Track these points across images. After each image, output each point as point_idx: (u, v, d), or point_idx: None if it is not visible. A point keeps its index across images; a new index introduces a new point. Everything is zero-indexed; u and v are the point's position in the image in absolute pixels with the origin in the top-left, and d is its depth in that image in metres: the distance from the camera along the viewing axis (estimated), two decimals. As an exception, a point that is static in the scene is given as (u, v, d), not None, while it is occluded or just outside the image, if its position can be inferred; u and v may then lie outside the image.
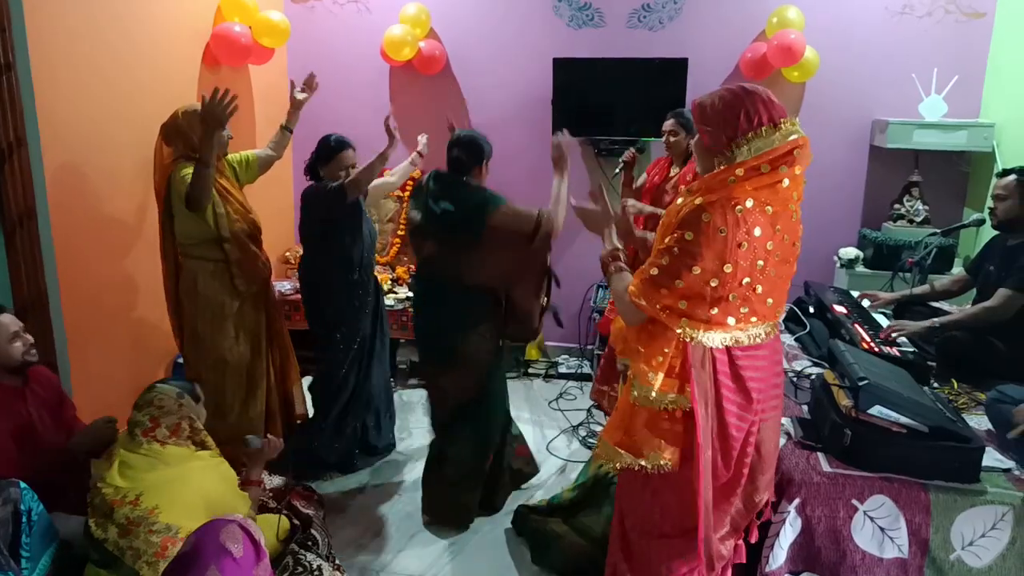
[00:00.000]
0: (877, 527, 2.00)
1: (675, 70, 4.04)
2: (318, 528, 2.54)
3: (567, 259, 4.50)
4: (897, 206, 4.03)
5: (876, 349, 2.61)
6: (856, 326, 2.83)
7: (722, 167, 1.68)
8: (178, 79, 3.66)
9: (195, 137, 2.84)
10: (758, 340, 1.75)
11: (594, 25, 4.29)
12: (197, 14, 3.78)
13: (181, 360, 3.64)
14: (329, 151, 3.13)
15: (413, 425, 3.80)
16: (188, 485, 2.08)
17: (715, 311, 1.68)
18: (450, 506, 2.94)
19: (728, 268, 1.64)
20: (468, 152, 2.77)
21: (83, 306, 2.95)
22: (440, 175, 2.83)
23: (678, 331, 1.71)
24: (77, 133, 2.98)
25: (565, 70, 4.17)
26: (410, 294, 4.22)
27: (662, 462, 1.75)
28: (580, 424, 3.82)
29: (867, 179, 4.23)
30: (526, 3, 4.32)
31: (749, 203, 1.64)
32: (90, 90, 3.04)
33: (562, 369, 4.49)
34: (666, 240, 1.71)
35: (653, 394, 1.74)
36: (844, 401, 2.10)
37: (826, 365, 2.59)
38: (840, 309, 3.04)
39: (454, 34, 4.44)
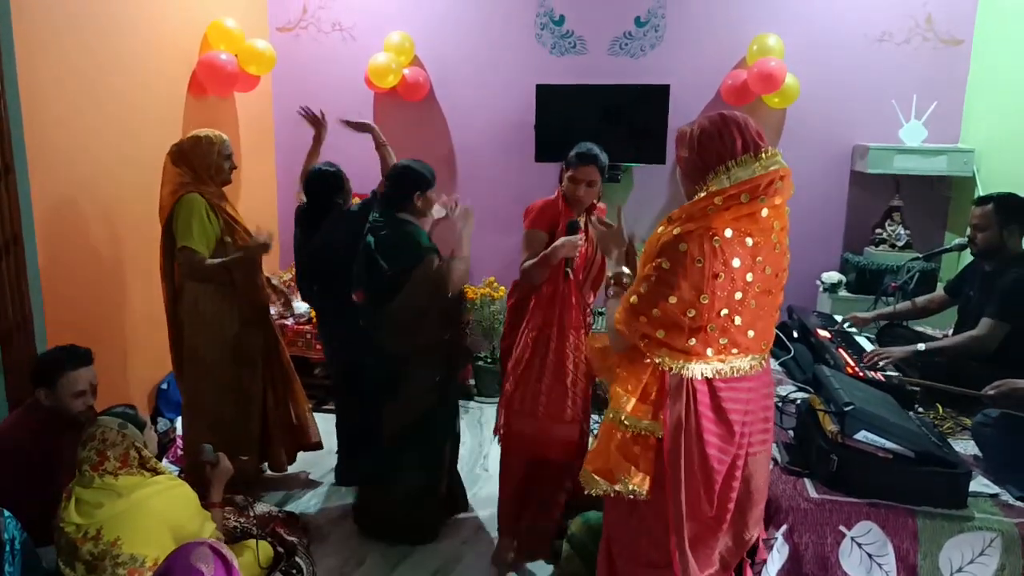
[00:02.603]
0: (865, 553, 1.99)
1: (657, 96, 4.09)
2: (302, 556, 2.52)
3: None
4: (879, 231, 4.08)
5: (861, 374, 2.62)
6: (840, 351, 2.84)
7: (702, 195, 1.66)
8: (165, 106, 3.66)
9: (201, 165, 2.92)
10: (741, 372, 1.71)
11: (576, 52, 4.34)
12: (184, 42, 3.79)
13: (165, 387, 3.62)
14: (343, 181, 3.15)
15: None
16: (146, 513, 2.06)
17: (693, 341, 1.65)
18: (417, 521, 2.95)
19: (704, 299, 1.61)
20: (399, 184, 2.76)
21: (67, 332, 2.91)
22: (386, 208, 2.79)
23: (656, 360, 1.69)
24: (65, 160, 2.97)
25: (547, 96, 4.21)
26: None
27: (632, 487, 1.71)
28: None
29: (848, 204, 4.28)
30: (509, 31, 4.37)
31: (728, 233, 1.61)
32: (79, 118, 3.04)
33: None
34: (645, 269, 1.70)
35: (623, 417, 1.72)
36: (830, 426, 2.11)
37: (811, 390, 2.60)
38: (824, 333, 3.06)
39: (438, 61, 4.48)
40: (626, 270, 2.00)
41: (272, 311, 4.22)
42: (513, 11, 4.35)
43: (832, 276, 4.06)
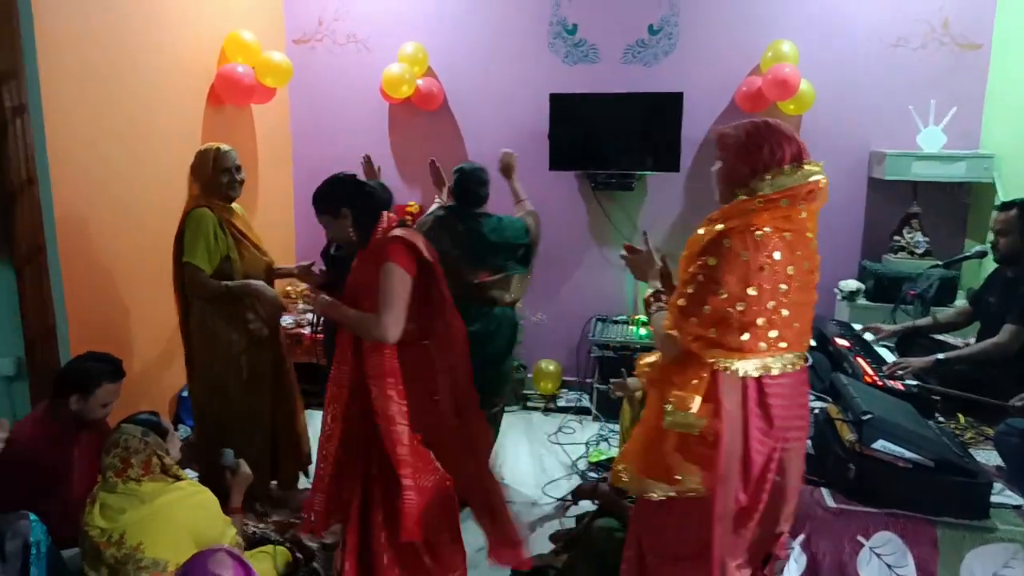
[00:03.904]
0: (884, 564, 1.97)
1: (671, 104, 4.08)
2: (320, 562, 2.52)
3: (566, 293, 4.51)
4: (897, 238, 4.04)
5: (879, 383, 2.59)
6: (858, 359, 2.82)
7: (742, 198, 1.73)
8: (184, 119, 3.70)
9: (202, 178, 2.94)
10: (788, 369, 1.77)
11: (589, 61, 4.35)
12: (203, 55, 3.84)
13: (185, 394, 3.65)
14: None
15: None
16: (168, 518, 2.08)
17: (745, 337, 1.69)
18: None
19: (752, 291, 1.66)
20: (484, 186, 3.12)
21: (89, 340, 2.94)
22: (468, 211, 3.09)
23: (710, 360, 1.72)
24: (86, 172, 3.01)
25: (561, 105, 4.22)
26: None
27: (694, 486, 1.76)
28: (579, 458, 3.79)
29: (866, 211, 4.25)
30: (522, 40, 4.39)
31: (767, 229, 1.68)
32: (99, 130, 3.08)
33: (561, 403, 4.47)
34: (689, 270, 1.75)
35: (691, 419, 1.75)
36: (848, 435, 2.09)
37: (829, 399, 2.58)
38: (842, 342, 3.03)
39: (451, 71, 4.50)
40: (660, 286, 2.03)
41: (289, 320, 4.26)
42: (526, 20, 4.37)
43: (850, 284, 4.03)
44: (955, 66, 4.01)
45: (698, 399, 1.74)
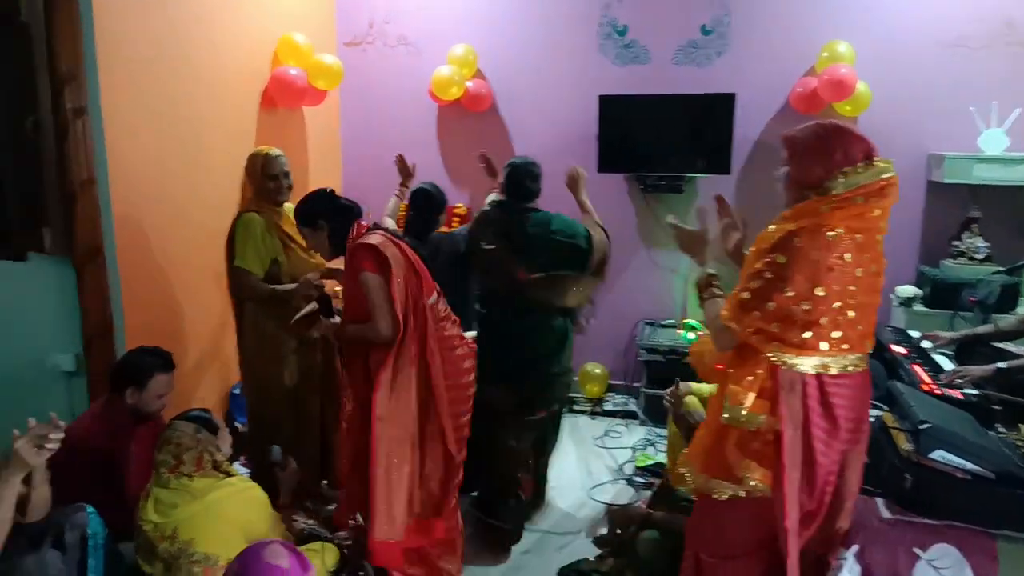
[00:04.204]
0: (941, 577, 1.91)
1: (722, 106, 4.02)
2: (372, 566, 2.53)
3: (614, 296, 4.48)
4: (956, 243, 3.91)
5: (937, 391, 2.51)
6: (915, 367, 2.74)
7: (814, 198, 1.74)
8: (238, 120, 3.79)
9: (251, 182, 3.03)
10: (848, 370, 1.76)
11: (640, 62, 4.31)
12: (256, 58, 3.92)
13: (238, 391, 3.73)
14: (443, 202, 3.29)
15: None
16: (219, 514, 2.12)
17: (808, 335, 1.70)
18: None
19: (820, 291, 1.68)
20: (535, 181, 3.00)
21: (145, 337, 3.02)
22: (517, 206, 2.98)
23: (769, 355, 1.73)
24: (143, 173, 3.10)
25: (611, 107, 4.19)
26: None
27: (753, 483, 1.78)
28: (626, 463, 3.76)
29: (924, 215, 4.13)
30: (571, 42, 4.38)
31: (840, 230, 1.70)
32: (156, 132, 3.17)
33: (608, 406, 4.43)
34: (757, 265, 1.76)
35: (743, 413, 1.76)
36: (904, 445, 2.03)
37: (884, 407, 2.51)
38: (898, 349, 2.95)
39: (500, 73, 4.52)
40: (712, 269, 2.01)
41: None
42: (576, 21, 4.35)
43: (907, 290, 3.91)
44: (1019, 67, 3.87)
45: (752, 395, 1.75)
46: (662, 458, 3.65)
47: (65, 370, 3.01)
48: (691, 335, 4.22)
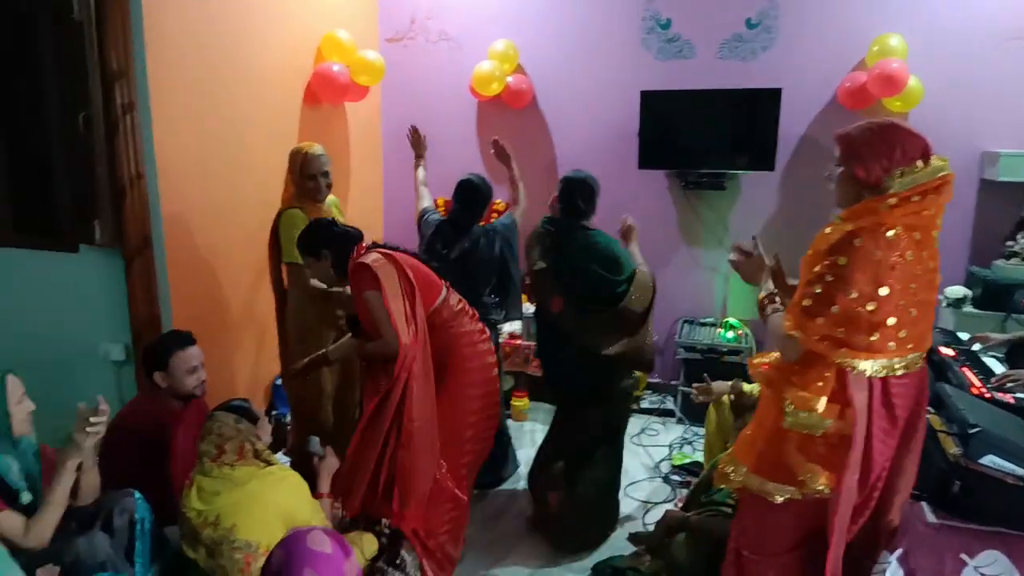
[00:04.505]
0: (990, 586, 1.85)
1: (768, 101, 3.95)
2: (408, 548, 2.56)
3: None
4: (1010, 243, 3.79)
5: (988, 395, 2.44)
6: (964, 369, 2.65)
7: (871, 198, 1.74)
8: (282, 116, 3.85)
9: (291, 178, 3.07)
10: (910, 368, 1.77)
11: (683, 57, 4.26)
12: (299, 55, 3.98)
13: (279, 382, 3.80)
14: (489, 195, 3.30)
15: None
16: (260, 502, 2.16)
17: (875, 337, 1.69)
18: (591, 530, 3.04)
19: (884, 291, 1.67)
20: (588, 200, 2.88)
21: (192, 330, 3.10)
22: (573, 223, 2.89)
23: (837, 361, 1.72)
24: (190, 167, 3.17)
25: (653, 102, 4.15)
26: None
27: (819, 487, 1.78)
28: (662, 460, 3.73)
29: (976, 214, 4.00)
30: (613, 37, 4.35)
31: (899, 228, 1.70)
32: (202, 128, 3.23)
33: (644, 404, 4.40)
34: (816, 269, 1.74)
35: (815, 419, 1.76)
36: (952, 449, 1.98)
37: (931, 410, 2.44)
38: (947, 351, 2.87)
39: (541, 69, 4.50)
40: (772, 287, 2.01)
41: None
42: (618, 16, 4.32)
43: (956, 291, 3.80)
44: (1081, 61, 3.73)
45: (823, 400, 1.75)
46: (699, 457, 3.62)
47: (115, 359, 3.10)
48: (730, 334, 4.16)
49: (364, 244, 2.62)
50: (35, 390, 2.16)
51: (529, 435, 4.03)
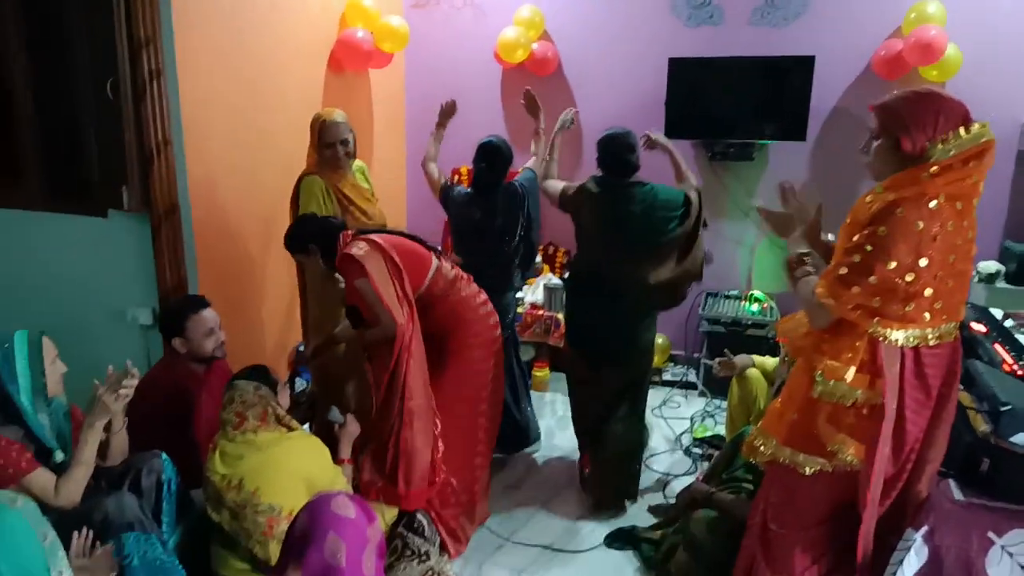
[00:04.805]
0: (1017, 564, 1.83)
1: (800, 69, 3.85)
2: (423, 512, 2.60)
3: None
4: (1047, 216, 3.70)
5: (1020, 372, 2.39)
6: (996, 346, 2.60)
7: (913, 167, 1.72)
8: (306, 83, 3.83)
9: (314, 145, 3.05)
10: (944, 339, 1.76)
11: (713, 23, 4.16)
12: (324, 21, 3.94)
13: (302, 348, 3.83)
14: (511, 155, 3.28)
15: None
16: (283, 466, 2.19)
17: (910, 307, 1.68)
18: (622, 485, 3.09)
19: (923, 262, 1.65)
20: (635, 151, 2.89)
21: (215, 296, 3.13)
22: (619, 181, 2.89)
23: (870, 330, 1.71)
24: (216, 134, 3.17)
25: (681, 70, 4.07)
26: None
27: (848, 458, 1.78)
28: (683, 433, 3.73)
29: (1012, 187, 3.90)
30: (642, 2, 4.25)
31: (941, 198, 1.68)
32: (228, 94, 3.23)
33: (666, 376, 4.39)
34: (855, 238, 1.72)
35: (844, 389, 1.76)
36: (982, 426, 1.94)
37: (961, 386, 2.40)
38: (978, 327, 2.80)
39: (567, 35, 4.43)
40: (803, 248, 1.98)
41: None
42: (647, -19, 4.22)
43: (989, 265, 3.72)
44: None
45: (852, 369, 1.74)
46: (721, 430, 3.61)
47: (143, 323, 3.14)
48: (755, 307, 4.12)
49: (349, 232, 2.64)
50: (63, 353, 2.20)
51: (549, 405, 4.04)
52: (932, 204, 1.67)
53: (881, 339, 1.72)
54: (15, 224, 3.40)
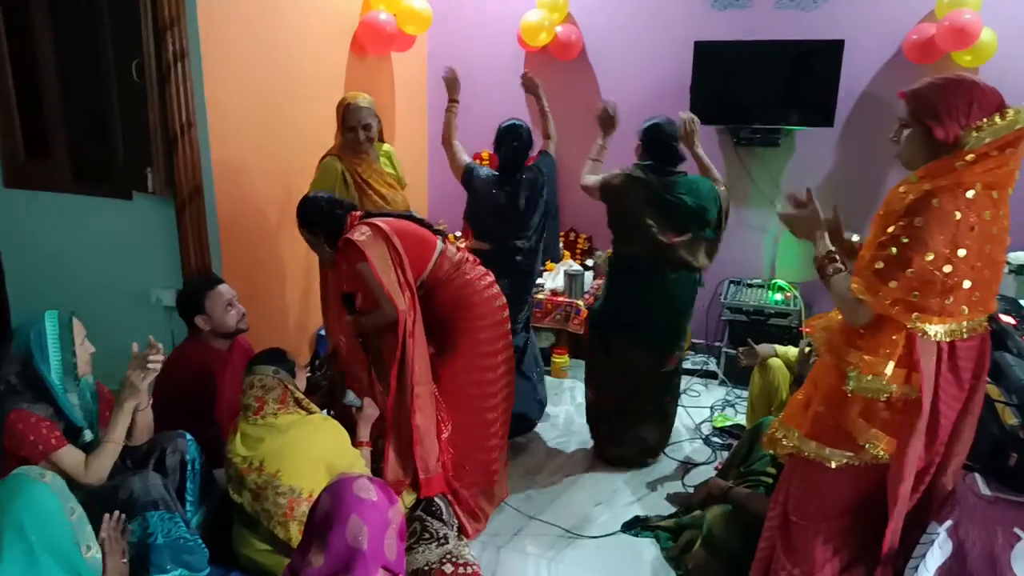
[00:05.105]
0: (1043, 561, 1.80)
1: (829, 54, 3.78)
2: (441, 496, 2.61)
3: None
4: (1081, 206, 3.60)
5: (1051, 365, 2.34)
6: (1026, 338, 2.55)
7: (947, 156, 1.68)
8: (329, 67, 3.83)
9: (338, 128, 3.04)
10: (978, 331, 1.75)
11: (740, 6, 4.09)
12: (347, 3, 3.94)
13: (323, 332, 3.86)
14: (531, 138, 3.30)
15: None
16: (303, 448, 2.22)
17: (949, 300, 1.66)
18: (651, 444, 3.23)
19: (962, 252, 1.63)
20: (679, 141, 2.99)
21: (240, 278, 3.16)
22: (666, 169, 2.96)
23: (909, 325, 1.69)
24: (239, 117, 3.18)
25: (707, 54, 4.01)
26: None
27: (880, 453, 1.77)
28: (703, 422, 3.71)
29: (1045, 175, 3.81)
30: (669, -16, 4.19)
31: (978, 187, 1.65)
32: (251, 76, 3.24)
33: (687, 365, 4.36)
34: (890, 230, 1.69)
35: (880, 384, 1.74)
36: (1011, 420, 1.92)
37: (989, 379, 2.36)
38: (1007, 319, 2.76)
39: (592, 18, 4.38)
40: (830, 246, 1.94)
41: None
42: (674, -37, 4.15)
43: (1020, 256, 3.64)
44: None
45: (891, 364, 1.72)
46: (741, 420, 3.59)
47: (167, 304, 3.18)
48: (778, 296, 4.08)
49: (356, 214, 2.63)
50: (89, 334, 2.22)
51: (569, 392, 4.04)
52: (969, 193, 1.63)
53: (920, 334, 1.69)
54: (44, 205, 3.45)
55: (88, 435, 2.17)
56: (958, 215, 1.62)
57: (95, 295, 3.33)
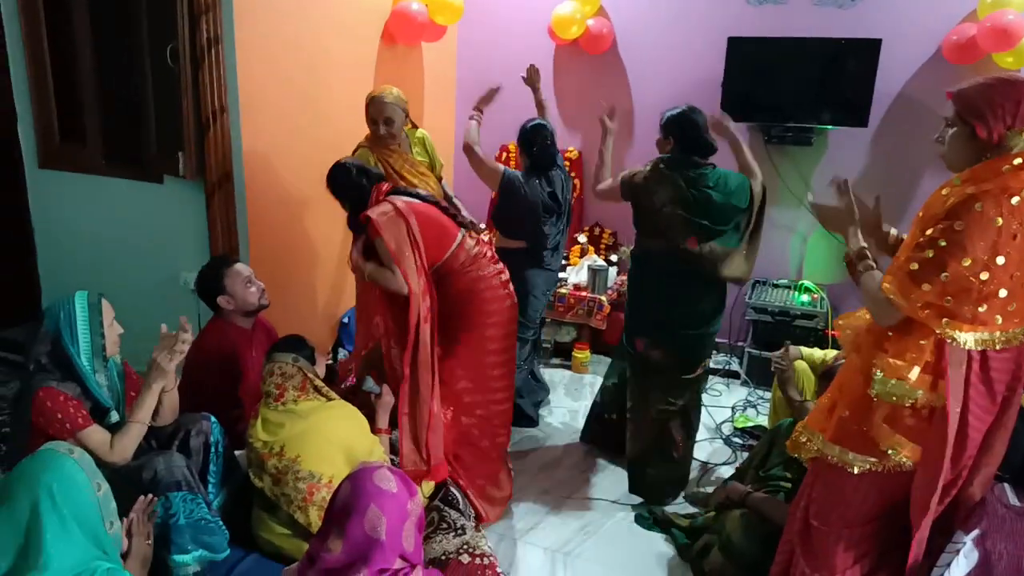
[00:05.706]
0: (1072, 575, 1.77)
1: (866, 52, 3.71)
2: (452, 484, 2.63)
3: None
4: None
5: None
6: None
7: (993, 159, 1.65)
8: (360, 56, 3.84)
9: (368, 120, 3.06)
10: (1013, 343, 1.68)
11: (776, 2, 4.03)
12: (380, -7, 3.94)
13: (346, 320, 3.88)
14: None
15: (555, 404, 3.81)
16: (322, 434, 2.24)
17: (983, 308, 1.61)
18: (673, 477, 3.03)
19: (1000, 260, 1.58)
20: (708, 131, 2.78)
21: (266, 264, 3.18)
22: (695, 161, 2.73)
23: (938, 331, 1.65)
24: (271, 104, 3.20)
25: (740, 50, 3.95)
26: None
27: (903, 459, 1.74)
28: (724, 422, 3.68)
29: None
30: (703, -22, 4.14)
31: None
32: (283, 64, 3.25)
33: (709, 364, 4.30)
34: (928, 232, 1.65)
35: (905, 389, 1.71)
36: (1044, 431, 1.87)
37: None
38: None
39: (625, 11, 4.34)
40: (862, 243, 1.90)
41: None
42: (709, -42, 4.10)
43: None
44: None
45: (917, 369, 1.68)
46: (763, 421, 3.55)
47: (194, 288, 3.20)
48: (805, 297, 4.03)
49: (384, 186, 2.62)
50: (118, 315, 2.25)
51: (589, 387, 4.03)
52: (1014, 200, 1.58)
53: (949, 340, 1.65)
54: (76, 187, 3.50)
55: (114, 415, 2.20)
56: (1000, 221, 1.58)
57: (125, 277, 3.38)
